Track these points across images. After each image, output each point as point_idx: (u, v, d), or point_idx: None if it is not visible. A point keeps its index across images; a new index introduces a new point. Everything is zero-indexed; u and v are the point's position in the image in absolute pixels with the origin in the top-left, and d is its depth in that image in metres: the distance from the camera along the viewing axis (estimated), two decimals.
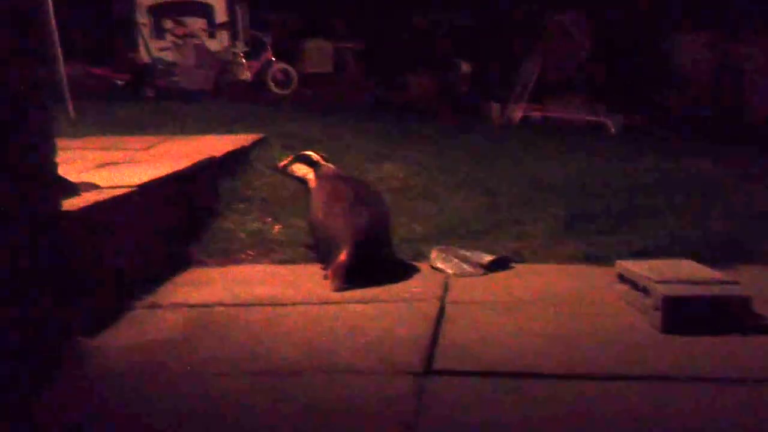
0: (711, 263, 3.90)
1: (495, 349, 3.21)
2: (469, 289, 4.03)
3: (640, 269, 3.71)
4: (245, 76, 12.87)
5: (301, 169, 4.71)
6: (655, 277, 3.56)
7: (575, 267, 4.36)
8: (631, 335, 3.38)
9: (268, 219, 5.00)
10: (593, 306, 3.76)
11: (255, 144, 6.15)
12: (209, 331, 3.51)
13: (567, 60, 10.98)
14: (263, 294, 4.01)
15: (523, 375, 2.98)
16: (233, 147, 5.81)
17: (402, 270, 4.32)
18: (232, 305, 3.84)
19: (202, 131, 6.84)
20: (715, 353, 3.18)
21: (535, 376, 2.97)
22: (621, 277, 3.85)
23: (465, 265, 4.29)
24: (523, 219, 4.97)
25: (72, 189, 3.74)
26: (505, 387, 2.88)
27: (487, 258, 4.35)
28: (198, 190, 4.97)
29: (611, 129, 9.28)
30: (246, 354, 3.24)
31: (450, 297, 3.91)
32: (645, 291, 3.58)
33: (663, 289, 3.45)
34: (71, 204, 3.57)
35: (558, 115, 9.74)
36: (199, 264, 4.51)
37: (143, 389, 2.96)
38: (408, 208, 5.17)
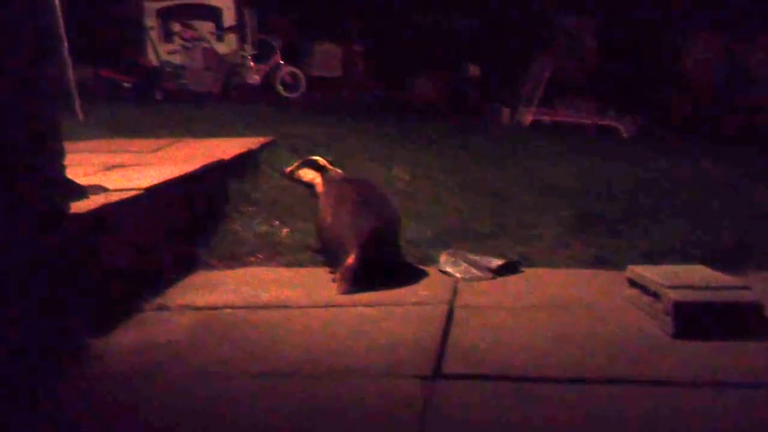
0: (721, 267, 3.88)
1: (504, 353, 3.19)
2: (478, 293, 4.01)
3: (650, 274, 3.69)
4: (253, 79, 12.89)
5: (308, 174, 4.71)
6: (666, 282, 3.54)
7: (584, 271, 4.34)
8: (642, 340, 3.36)
9: (275, 222, 4.99)
10: (603, 310, 3.74)
11: (263, 147, 6.15)
12: (217, 334, 3.50)
13: (576, 63, 10.96)
14: (271, 297, 3.99)
15: (533, 379, 2.96)
16: (242, 150, 5.81)
17: (410, 273, 4.30)
18: (239, 308, 3.83)
19: (210, 134, 6.85)
20: (727, 358, 3.15)
21: (545, 380, 2.96)
22: (631, 282, 3.82)
23: (474, 269, 4.27)
24: (532, 222, 4.95)
25: (80, 191, 3.74)
26: (515, 391, 2.86)
27: (496, 262, 4.33)
28: (206, 192, 4.96)
29: (623, 133, 9.24)
30: (254, 356, 3.22)
31: (459, 301, 3.89)
32: (656, 296, 3.56)
33: (674, 295, 3.43)
34: (79, 206, 3.57)
35: (568, 120, 9.69)
36: (207, 266, 4.50)
37: (151, 390, 2.95)
38: (416, 211, 5.16)
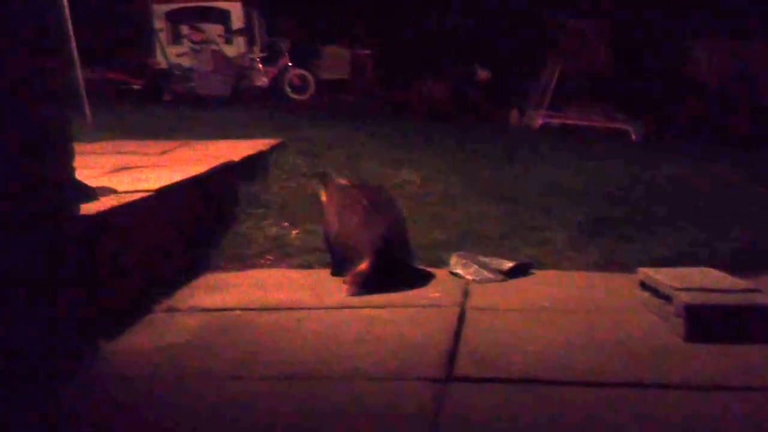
0: (733, 270, 3.86)
1: (516, 356, 3.17)
2: (490, 296, 4.00)
3: (662, 277, 3.67)
4: (262, 81, 12.92)
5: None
6: (678, 285, 3.52)
7: (596, 274, 4.32)
8: (654, 343, 3.34)
9: (285, 224, 4.99)
10: (615, 313, 3.72)
11: (273, 149, 6.14)
12: (227, 335, 3.50)
13: (586, 66, 10.94)
14: (281, 298, 3.99)
15: (545, 382, 2.95)
16: (251, 152, 5.81)
17: (421, 276, 4.29)
18: (249, 309, 3.82)
19: (219, 136, 6.85)
20: (739, 361, 3.14)
21: (557, 383, 2.94)
22: (643, 285, 3.80)
23: (485, 272, 4.26)
24: (543, 225, 4.93)
25: (90, 193, 3.74)
26: (528, 394, 2.85)
27: (507, 264, 4.31)
28: (215, 194, 4.96)
29: (632, 135, 9.20)
30: (263, 358, 3.22)
31: (470, 303, 3.87)
32: (667, 298, 3.54)
33: (685, 297, 3.41)
34: (89, 208, 3.56)
35: (578, 123, 9.65)
36: (217, 268, 4.49)
37: (160, 392, 2.95)
38: (426, 213, 5.14)
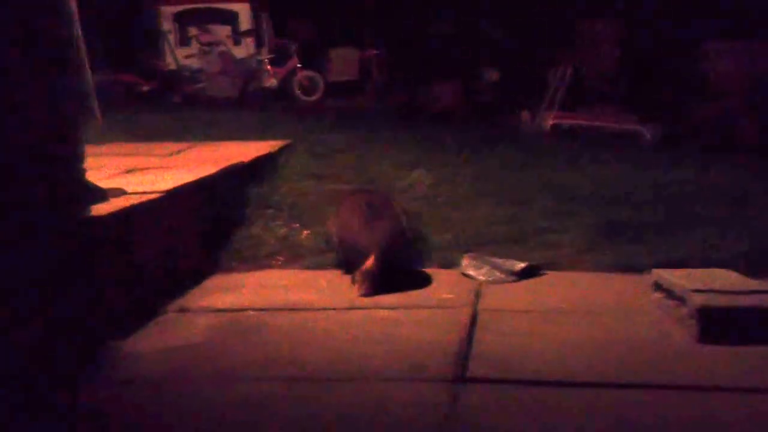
0: (746, 272, 3.84)
1: (529, 357, 3.16)
2: (502, 297, 3.98)
3: (675, 278, 3.65)
4: (270, 83, 12.93)
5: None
6: (691, 286, 3.49)
7: (609, 275, 4.28)
8: (668, 344, 3.32)
9: (295, 224, 4.97)
10: (628, 314, 3.70)
11: (282, 150, 6.15)
12: (238, 336, 3.49)
13: (598, 67, 10.90)
14: (292, 299, 3.98)
15: (559, 384, 2.93)
16: (260, 153, 5.82)
17: (432, 277, 4.28)
18: (261, 310, 3.82)
19: (228, 137, 6.85)
20: (752, 363, 3.11)
21: (571, 384, 2.93)
22: (656, 286, 3.78)
23: (497, 272, 4.24)
24: (555, 228, 4.89)
25: (100, 194, 3.74)
26: (540, 395, 2.84)
27: (519, 265, 4.29)
28: (226, 195, 4.95)
29: (646, 136, 9.13)
30: (276, 359, 3.21)
31: (482, 304, 3.85)
32: (681, 300, 3.51)
33: (699, 299, 3.38)
34: (100, 209, 3.57)
35: (590, 123, 9.59)
36: (228, 269, 4.49)
37: (172, 393, 2.94)
38: (437, 216, 5.12)
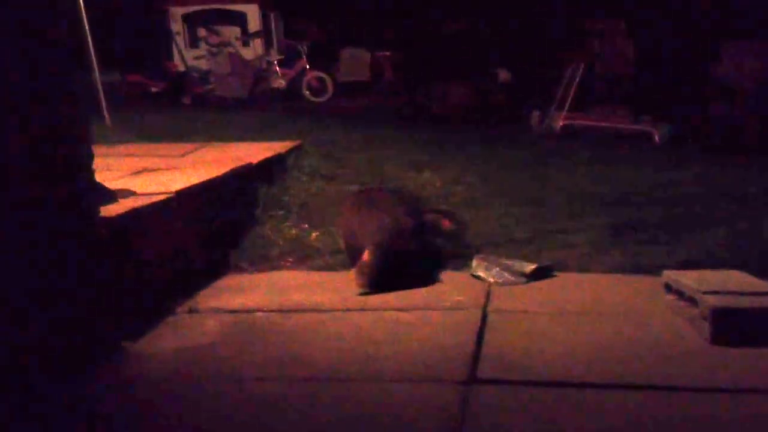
0: (759, 273, 3.81)
1: (540, 359, 3.15)
2: (512, 298, 3.96)
3: (687, 279, 3.63)
4: (279, 83, 12.95)
5: None
6: (703, 288, 3.47)
7: (620, 276, 4.26)
8: (680, 346, 3.30)
9: (305, 225, 4.97)
10: (639, 315, 3.68)
11: (291, 151, 6.15)
12: (249, 337, 3.49)
13: (609, 68, 10.87)
14: (302, 300, 3.97)
15: (570, 385, 2.92)
16: (270, 154, 5.82)
17: (442, 278, 4.27)
18: (271, 311, 3.81)
19: (238, 138, 6.87)
20: (765, 365, 3.09)
21: (582, 386, 2.91)
22: (668, 287, 3.76)
23: (507, 274, 4.22)
24: (566, 228, 4.88)
25: (109, 195, 3.75)
26: (551, 397, 2.83)
27: (530, 267, 4.27)
28: (235, 196, 4.95)
29: (656, 138, 9.11)
30: (286, 360, 3.20)
31: (492, 305, 3.84)
32: (692, 301, 3.50)
33: (711, 300, 3.36)
34: (109, 210, 3.57)
35: (601, 124, 9.57)
36: (238, 270, 4.49)
37: (183, 393, 2.94)
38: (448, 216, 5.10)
